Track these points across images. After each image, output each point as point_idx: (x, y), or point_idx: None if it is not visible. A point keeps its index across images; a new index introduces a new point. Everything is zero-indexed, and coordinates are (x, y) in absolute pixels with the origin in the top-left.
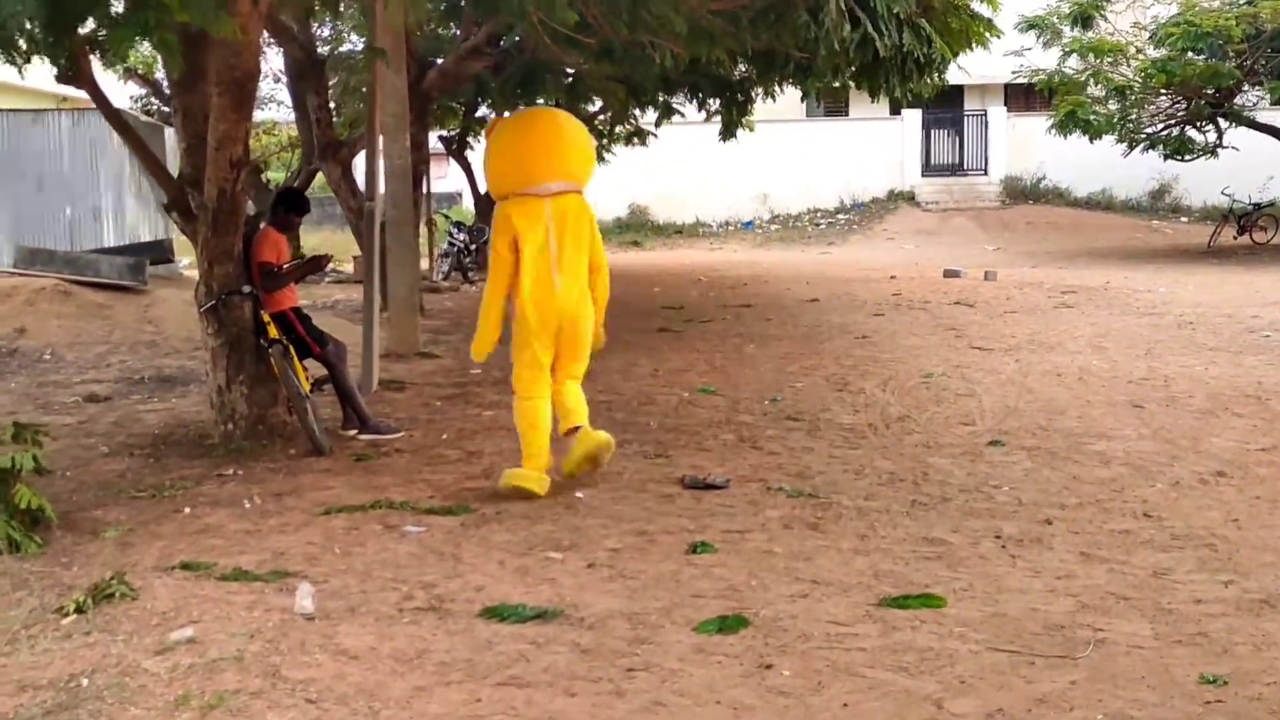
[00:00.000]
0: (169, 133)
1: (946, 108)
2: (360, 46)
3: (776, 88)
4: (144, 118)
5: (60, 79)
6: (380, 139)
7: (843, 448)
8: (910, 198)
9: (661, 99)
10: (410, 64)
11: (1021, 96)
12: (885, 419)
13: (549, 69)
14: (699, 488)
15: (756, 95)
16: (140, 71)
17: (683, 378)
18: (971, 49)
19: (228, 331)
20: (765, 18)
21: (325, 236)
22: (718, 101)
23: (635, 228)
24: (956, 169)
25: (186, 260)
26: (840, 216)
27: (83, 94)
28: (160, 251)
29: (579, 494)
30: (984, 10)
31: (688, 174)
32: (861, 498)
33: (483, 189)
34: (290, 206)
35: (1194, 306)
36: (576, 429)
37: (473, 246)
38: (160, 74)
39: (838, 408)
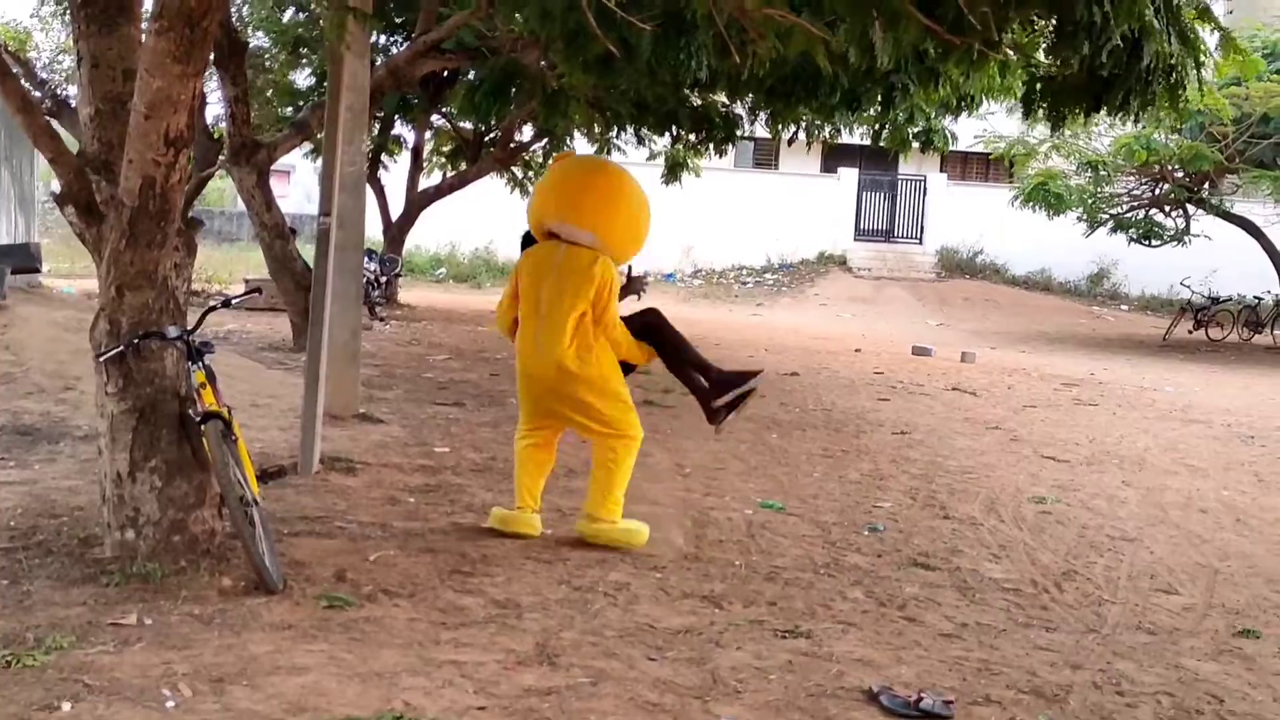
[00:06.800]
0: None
1: (882, 169)
2: (268, 42)
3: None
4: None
5: None
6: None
7: (1035, 627)
8: (842, 262)
9: (630, 129)
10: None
11: (958, 163)
12: (1046, 574)
13: (526, 78)
14: (908, 716)
15: (739, 133)
16: (11, 48)
17: (723, 480)
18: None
19: (137, 393)
20: None
21: (233, 256)
22: (694, 136)
23: None
24: (889, 235)
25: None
26: (768, 276)
27: None
28: (25, 258)
29: (721, 717)
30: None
31: None
32: None
33: (395, 215)
34: None
35: (1226, 413)
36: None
37: (383, 279)
38: (34, 53)
39: (966, 549)
